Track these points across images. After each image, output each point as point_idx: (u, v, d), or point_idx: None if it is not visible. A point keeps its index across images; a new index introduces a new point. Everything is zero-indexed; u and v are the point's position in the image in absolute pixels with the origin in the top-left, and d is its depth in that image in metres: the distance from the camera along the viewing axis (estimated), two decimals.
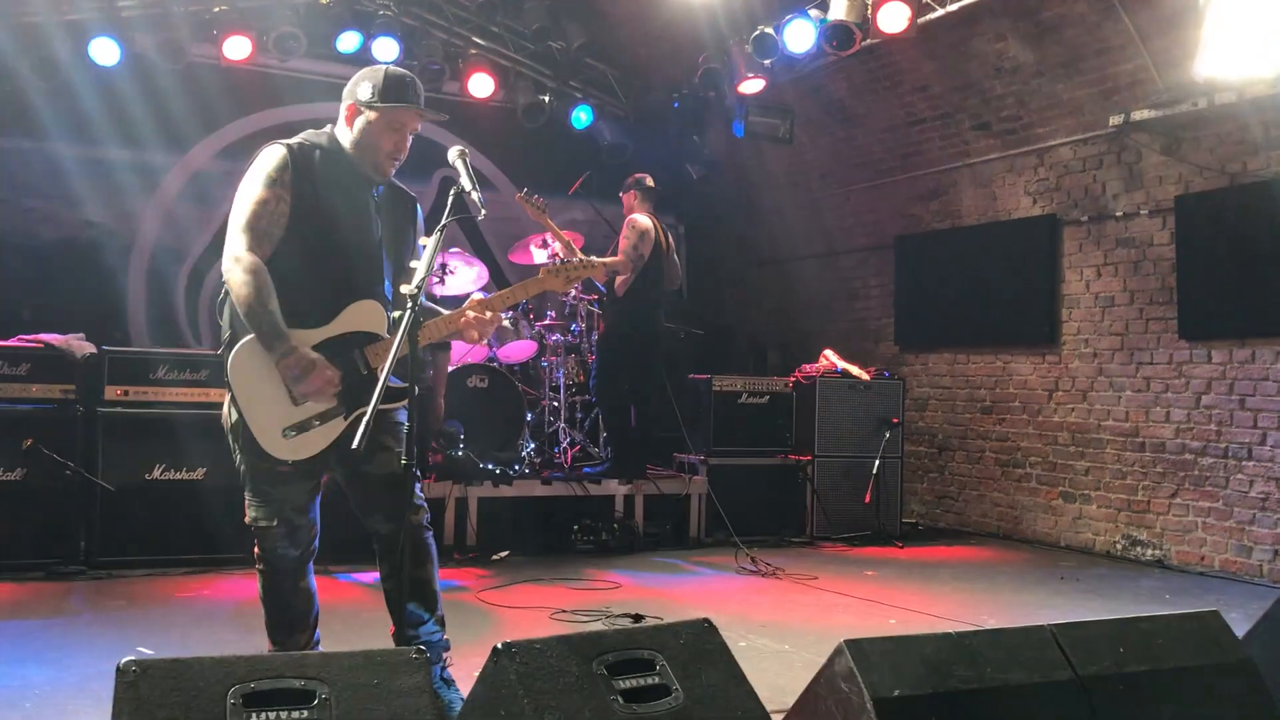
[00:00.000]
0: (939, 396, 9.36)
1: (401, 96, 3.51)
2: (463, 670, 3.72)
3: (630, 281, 7.54)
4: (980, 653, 2.98)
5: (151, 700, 2.21)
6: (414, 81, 3.56)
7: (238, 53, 8.56)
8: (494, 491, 7.15)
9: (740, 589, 6.37)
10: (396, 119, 3.51)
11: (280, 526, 3.50)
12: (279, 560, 3.55)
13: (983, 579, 6.86)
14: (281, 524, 3.50)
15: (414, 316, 3.06)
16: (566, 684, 2.54)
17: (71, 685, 3.99)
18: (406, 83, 3.53)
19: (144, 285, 9.20)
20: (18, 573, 5.86)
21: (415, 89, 3.55)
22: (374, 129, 3.51)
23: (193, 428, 6.33)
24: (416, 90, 3.56)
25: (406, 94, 3.52)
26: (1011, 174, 8.63)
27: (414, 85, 3.56)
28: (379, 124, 3.51)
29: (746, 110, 9.07)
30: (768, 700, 2.88)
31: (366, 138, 3.52)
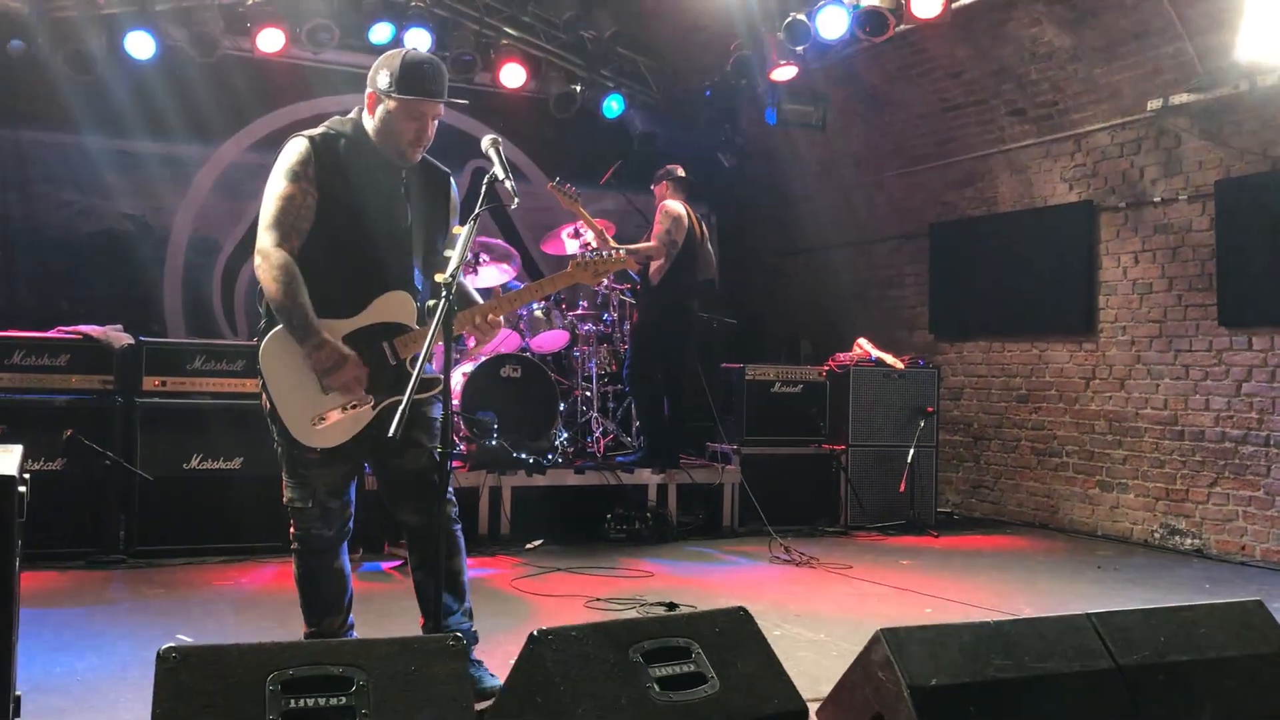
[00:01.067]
0: (974, 385, 9.29)
1: (418, 86, 3.45)
2: (498, 658, 3.73)
3: (664, 270, 7.52)
4: (1018, 642, 2.96)
5: (192, 687, 2.23)
6: (433, 68, 3.48)
7: (271, 45, 8.60)
8: (527, 481, 7.16)
9: (774, 578, 6.35)
10: (415, 108, 3.47)
11: (315, 508, 3.55)
12: (313, 541, 3.59)
13: (1019, 568, 6.81)
14: (316, 505, 3.55)
15: (448, 305, 3.06)
16: (603, 671, 2.55)
17: (113, 672, 4.03)
18: (424, 71, 3.46)
19: (179, 277, 9.28)
20: (59, 561, 5.93)
21: (433, 76, 3.47)
22: (394, 117, 3.48)
23: (229, 418, 6.39)
24: (435, 77, 3.47)
25: (424, 83, 3.45)
26: (1048, 160, 8.54)
27: (432, 72, 3.47)
28: (398, 113, 3.47)
29: (779, 98, 9.03)
30: (803, 689, 2.87)
31: (387, 126, 3.50)
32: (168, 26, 8.39)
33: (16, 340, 6.19)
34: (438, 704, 2.38)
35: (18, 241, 8.60)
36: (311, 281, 3.39)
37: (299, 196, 3.42)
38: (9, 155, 8.65)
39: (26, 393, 6.12)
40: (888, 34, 7.67)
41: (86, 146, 8.70)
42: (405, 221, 3.57)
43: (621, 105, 10.04)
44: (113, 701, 3.69)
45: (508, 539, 7.05)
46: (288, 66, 9.12)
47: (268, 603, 5.32)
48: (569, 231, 7.99)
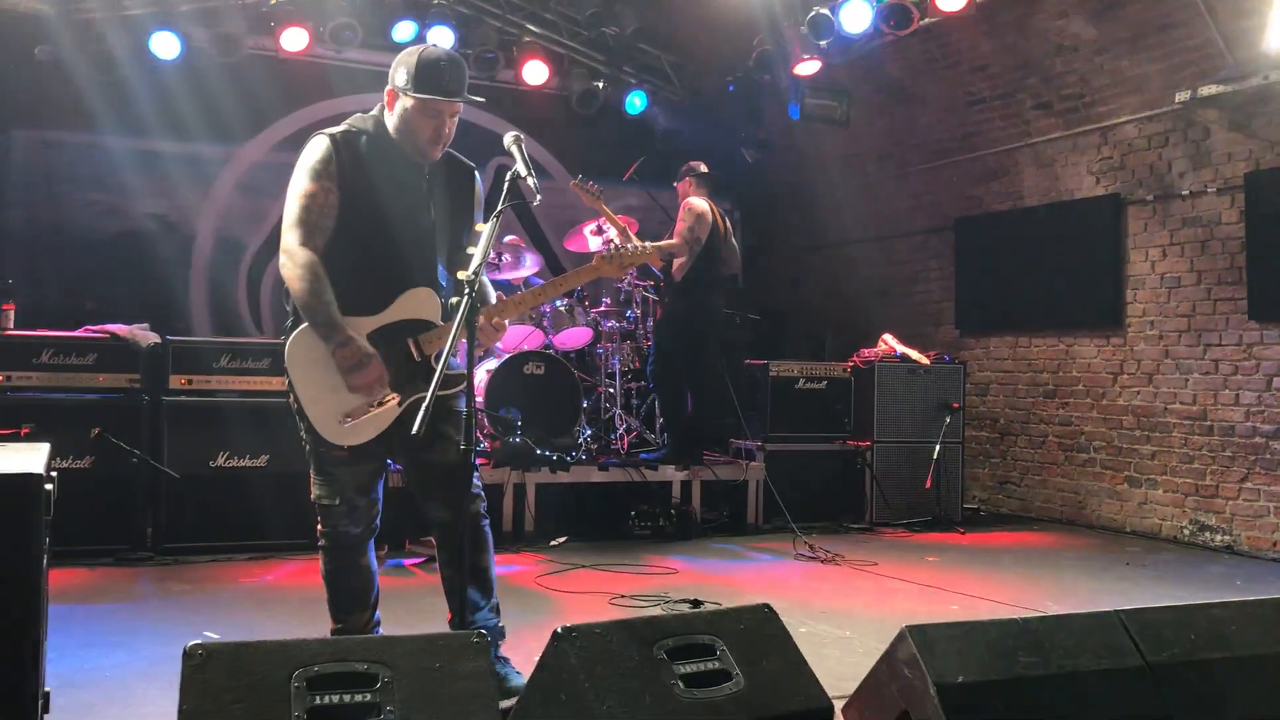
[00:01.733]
0: (1000, 380, 9.23)
1: (434, 85, 3.41)
2: (522, 654, 3.73)
3: (687, 266, 7.50)
4: (1046, 639, 2.93)
5: (217, 683, 2.24)
6: (450, 65, 3.44)
7: (295, 44, 8.63)
8: (551, 478, 7.16)
9: (799, 575, 6.33)
10: (432, 106, 3.44)
11: (342, 505, 3.56)
12: (340, 537, 3.60)
13: (1046, 565, 6.76)
14: (343, 503, 3.56)
15: (471, 302, 3.06)
16: (627, 668, 2.54)
17: (140, 668, 4.06)
18: (440, 68, 3.42)
19: (205, 276, 9.33)
20: (87, 558, 5.98)
21: (450, 73, 3.43)
22: (411, 115, 3.46)
23: (254, 416, 6.42)
24: (453, 75, 3.43)
25: (439, 81, 3.41)
26: (1074, 153, 8.47)
27: (449, 70, 3.43)
28: (415, 111, 3.45)
29: (802, 92, 8.98)
30: (829, 687, 2.85)
31: (406, 124, 3.49)
32: (191, 27, 8.43)
33: (45, 339, 6.24)
34: (462, 700, 2.38)
35: (44, 242, 8.66)
36: (335, 279, 3.40)
37: (321, 195, 3.43)
38: (35, 156, 8.71)
39: (55, 391, 6.17)
40: (912, 28, 7.63)
41: (111, 147, 8.74)
42: (428, 218, 3.57)
43: (644, 102, 10.02)
44: (140, 698, 3.72)
45: (532, 536, 7.05)
46: (311, 66, 9.15)
47: (293, 600, 5.34)
48: (592, 228, 7.99)
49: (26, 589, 2.35)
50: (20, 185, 8.66)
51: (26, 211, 8.68)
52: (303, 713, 2.25)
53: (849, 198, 10.63)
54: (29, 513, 2.35)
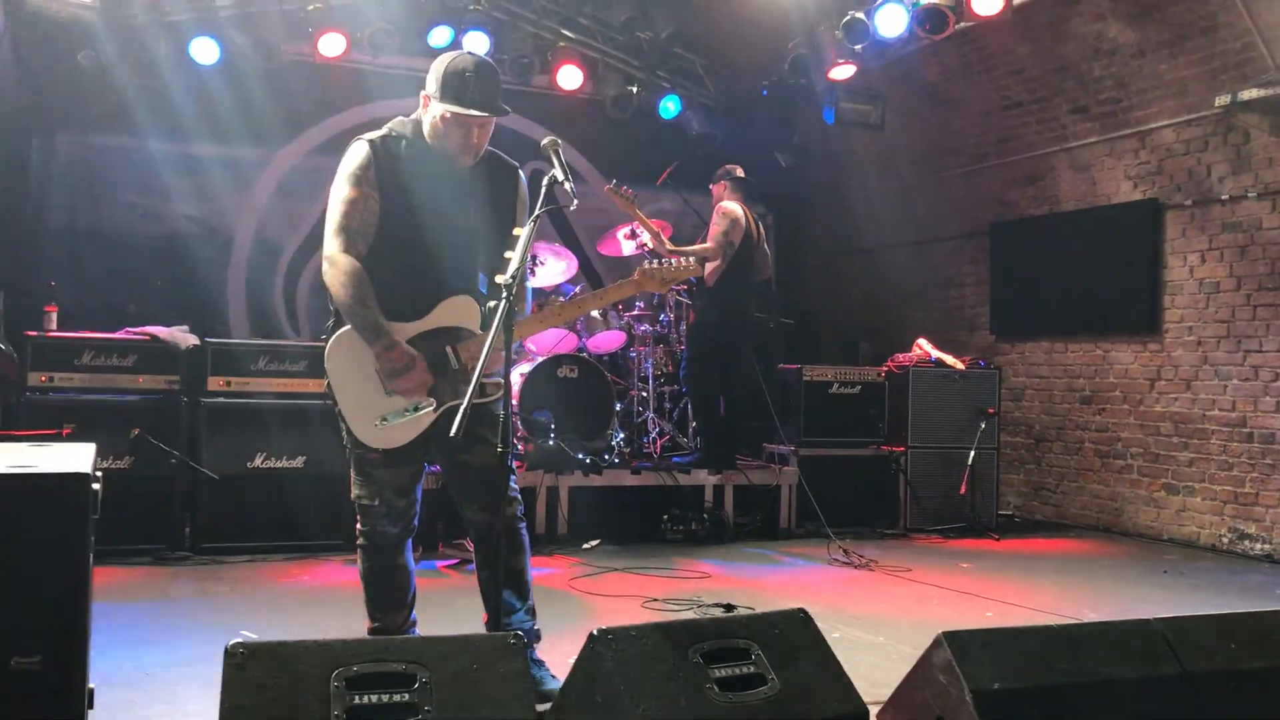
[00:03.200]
0: (1036, 386, 9.16)
1: (458, 97, 3.40)
2: (556, 656, 3.75)
3: (720, 271, 7.50)
4: (1083, 646, 2.91)
5: (258, 682, 2.26)
6: (478, 77, 3.41)
7: (332, 50, 8.70)
8: (584, 481, 7.19)
9: (833, 580, 6.31)
10: (458, 117, 3.44)
11: (381, 506, 3.59)
12: (379, 537, 3.63)
13: (1083, 572, 6.71)
14: (382, 504, 3.58)
15: (508, 307, 3.08)
16: (662, 671, 2.55)
17: (181, 666, 4.11)
18: (466, 79, 3.40)
19: (243, 278, 9.42)
20: (127, 558, 6.05)
21: (477, 85, 3.40)
22: (440, 124, 3.48)
23: (292, 417, 6.49)
24: (480, 86, 3.40)
25: (464, 93, 3.40)
26: (1111, 158, 8.40)
27: (475, 81, 3.40)
28: (443, 120, 3.46)
29: (837, 96, 8.96)
30: (863, 692, 2.85)
31: (436, 131, 3.50)
32: (231, 32, 8.52)
33: (86, 341, 6.33)
34: (499, 702, 2.39)
35: (86, 244, 8.78)
36: (377, 285, 3.43)
37: (361, 200, 3.46)
38: (77, 160, 8.83)
39: (96, 392, 6.26)
40: (948, 31, 7.59)
41: (151, 151, 8.84)
42: (468, 223, 3.58)
43: (678, 106, 10.03)
44: (181, 695, 3.76)
45: (565, 539, 7.08)
46: (348, 71, 9.22)
47: (329, 600, 5.39)
48: (625, 232, 8.01)
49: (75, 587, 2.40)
50: (63, 188, 8.78)
51: (69, 214, 8.80)
52: (342, 712, 2.28)
53: (883, 202, 10.59)
54: (78, 512, 2.39)
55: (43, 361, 6.21)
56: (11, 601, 2.33)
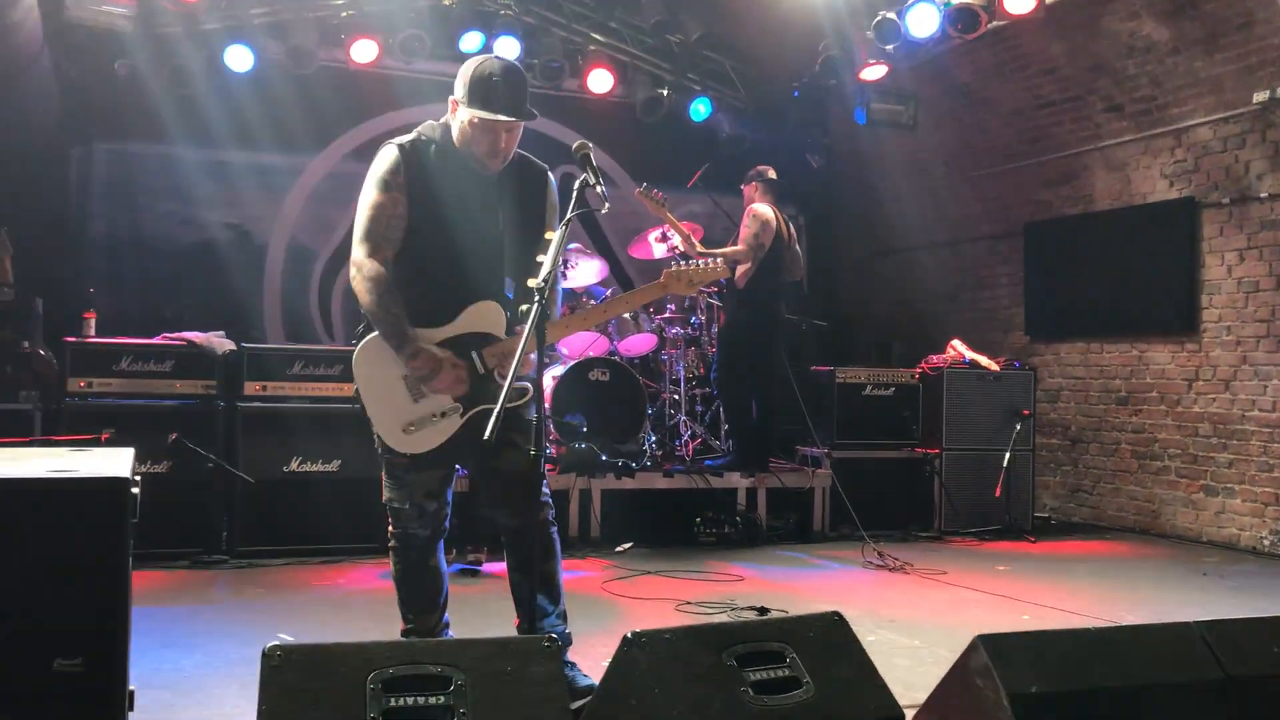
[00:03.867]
0: (1072, 387, 9.08)
1: (485, 101, 3.40)
2: (590, 660, 3.75)
3: (751, 273, 7.49)
4: (1122, 650, 2.88)
5: (295, 684, 2.28)
6: (504, 82, 3.40)
7: (364, 56, 8.77)
8: (616, 484, 7.19)
9: (867, 583, 6.28)
10: (485, 122, 3.44)
11: (411, 509, 3.60)
12: (410, 540, 3.64)
13: (1120, 575, 6.64)
14: (413, 506, 3.59)
15: (540, 310, 3.08)
16: (696, 674, 2.54)
17: (218, 669, 4.15)
18: (493, 84, 3.40)
19: (278, 284, 9.50)
20: (165, 561, 6.11)
21: (504, 90, 3.39)
22: (467, 129, 3.48)
23: (327, 421, 6.53)
24: (506, 91, 3.40)
25: (490, 98, 3.39)
26: (1146, 156, 8.32)
27: (502, 86, 3.39)
28: (470, 125, 3.46)
29: (868, 97, 8.93)
30: (899, 696, 2.82)
31: (463, 136, 3.51)
32: (265, 40, 8.61)
33: (124, 346, 6.41)
34: (535, 704, 2.40)
35: (124, 252, 8.89)
36: (405, 290, 3.45)
37: (389, 205, 3.48)
38: (115, 168, 8.95)
39: (134, 397, 6.34)
40: (980, 31, 7.55)
41: (187, 158, 8.95)
42: (496, 229, 3.58)
43: (709, 108, 10.03)
44: (219, 698, 3.79)
45: (597, 541, 7.09)
46: (380, 77, 9.29)
47: (365, 603, 5.42)
48: (656, 235, 8.01)
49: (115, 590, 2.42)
50: (101, 197, 8.90)
51: (107, 222, 8.92)
52: (378, 714, 2.29)
53: (916, 203, 10.54)
54: (117, 516, 2.42)
55: (82, 367, 6.29)
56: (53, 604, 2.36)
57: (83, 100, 8.48)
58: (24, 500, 2.38)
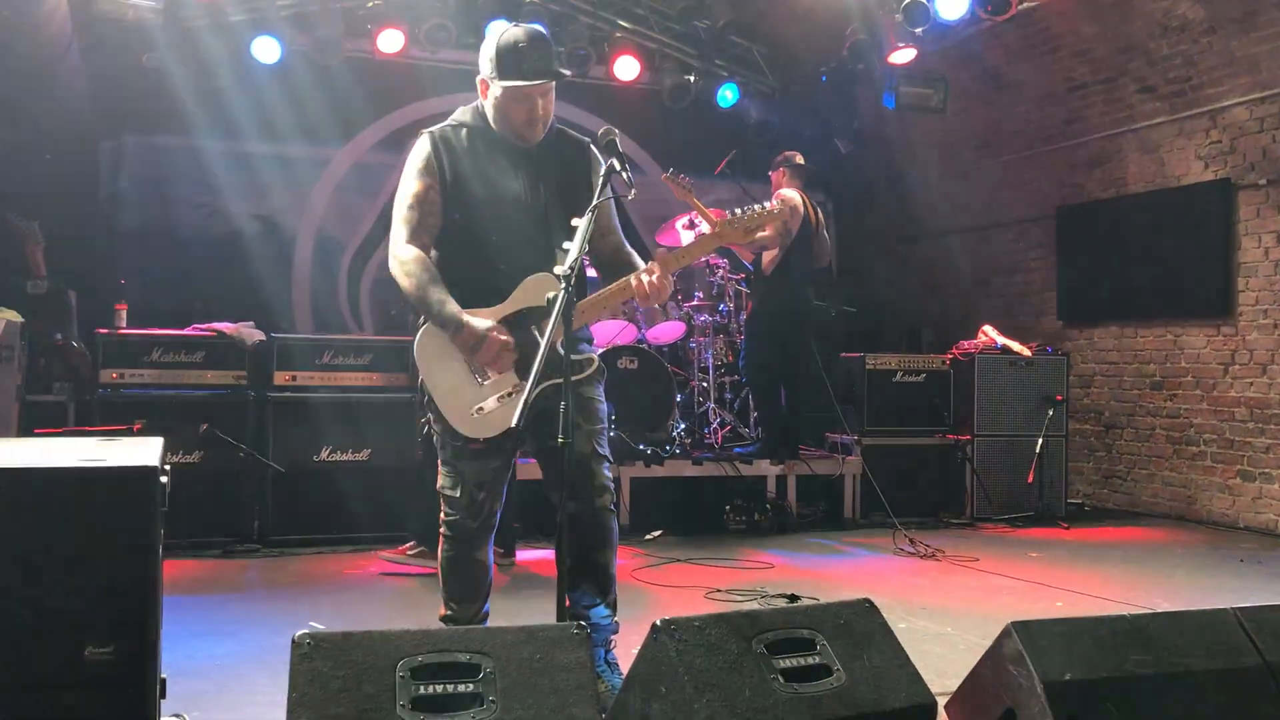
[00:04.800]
0: (1105, 372, 8.99)
1: (517, 69, 3.39)
2: (620, 648, 3.74)
3: (779, 259, 7.45)
4: (1158, 636, 2.85)
5: (325, 672, 2.28)
6: (531, 44, 3.40)
7: (391, 46, 8.78)
8: (646, 472, 7.18)
9: (898, 570, 6.25)
10: (519, 90, 3.43)
11: (463, 498, 3.57)
12: (459, 528, 3.62)
13: (1155, 561, 6.58)
14: (464, 495, 3.57)
15: (568, 298, 3.06)
16: (726, 662, 2.53)
17: (250, 657, 4.18)
18: (521, 51, 3.39)
19: (308, 274, 9.55)
20: (197, 550, 6.16)
21: (532, 54, 3.39)
22: (503, 103, 3.47)
23: (358, 410, 6.56)
24: (535, 54, 3.40)
25: (521, 65, 3.39)
26: (1181, 138, 8.21)
27: (530, 50, 3.39)
28: (505, 98, 3.46)
29: (897, 81, 8.85)
30: (931, 683, 2.81)
31: (500, 112, 3.50)
32: (291, 32, 8.63)
33: (155, 338, 6.45)
34: (563, 692, 2.39)
35: (155, 244, 8.95)
36: (451, 274, 3.44)
37: (424, 193, 3.47)
38: (145, 161, 9.01)
39: (165, 388, 6.38)
40: (1010, 13, 7.48)
41: (215, 151, 8.99)
42: (540, 202, 3.54)
43: (736, 94, 9.98)
44: (250, 686, 3.82)
45: (627, 529, 7.07)
46: (406, 66, 9.28)
47: (394, 591, 5.44)
48: (684, 222, 7.98)
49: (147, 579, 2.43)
50: (132, 189, 8.96)
51: (138, 214, 8.98)
52: (407, 701, 2.29)
53: (946, 187, 10.45)
54: (147, 505, 2.43)
55: (113, 358, 6.33)
56: (85, 593, 2.38)
57: (112, 94, 8.52)
58: (55, 489, 2.40)
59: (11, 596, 2.34)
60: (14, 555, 2.35)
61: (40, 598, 2.36)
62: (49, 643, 2.35)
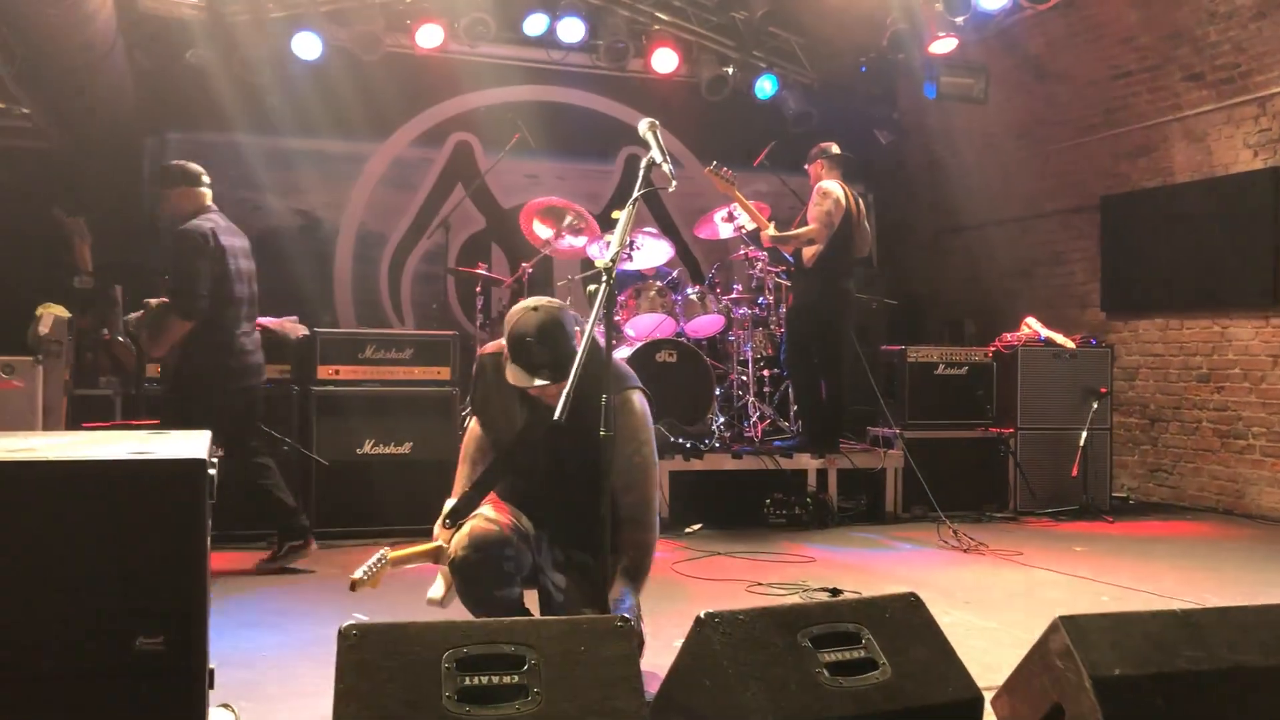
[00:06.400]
0: (1150, 364, 8.87)
1: (519, 363, 3.32)
2: (661, 640, 3.74)
3: (820, 251, 7.40)
4: (1209, 631, 2.81)
5: (372, 663, 2.30)
6: (538, 339, 3.26)
7: (430, 41, 8.82)
8: (685, 465, 7.17)
9: (941, 564, 6.20)
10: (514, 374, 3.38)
11: None
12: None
13: (1203, 555, 6.49)
14: None
15: (609, 290, 3.06)
16: (771, 655, 2.52)
17: (296, 648, 4.22)
18: (526, 345, 3.28)
19: (349, 268, 9.62)
20: (241, 542, 6.20)
21: (538, 350, 3.26)
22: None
23: (399, 404, 6.61)
24: (542, 349, 3.26)
25: (526, 360, 3.29)
26: (1228, 126, 8.08)
27: (535, 346, 3.26)
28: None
29: (938, 71, 8.78)
30: (976, 677, 2.78)
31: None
32: (331, 27, 8.69)
33: None
34: (606, 684, 2.39)
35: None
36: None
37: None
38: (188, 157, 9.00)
39: None
40: (1052, 1, 7.38)
41: (256, 146, 9.08)
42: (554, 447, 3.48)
43: (774, 86, 9.93)
44: (297, 676, 3.85)
45: (667, 523, 7.05)
46: (445, 62, 9.33)
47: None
48: (722, 215, 7.95)
49: (195, 570, 2.46)
50: None
51: None
52: (453, 692, 2.30)
53: (988, 177, 10.35)
54: (195, 497, 2.45)
55: None
56: (136, 583, 2.40)
57: (155, 91, 8.62)
58: (106, 481, 2.42)
59: (64, 587, 2.37)
60: (65, 546, 2.38)
61: (92, 588, 2.39)
62: (100, 633, 2.37)
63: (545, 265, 8.96)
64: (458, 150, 9.77)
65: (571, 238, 7.82)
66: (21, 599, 2.36)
